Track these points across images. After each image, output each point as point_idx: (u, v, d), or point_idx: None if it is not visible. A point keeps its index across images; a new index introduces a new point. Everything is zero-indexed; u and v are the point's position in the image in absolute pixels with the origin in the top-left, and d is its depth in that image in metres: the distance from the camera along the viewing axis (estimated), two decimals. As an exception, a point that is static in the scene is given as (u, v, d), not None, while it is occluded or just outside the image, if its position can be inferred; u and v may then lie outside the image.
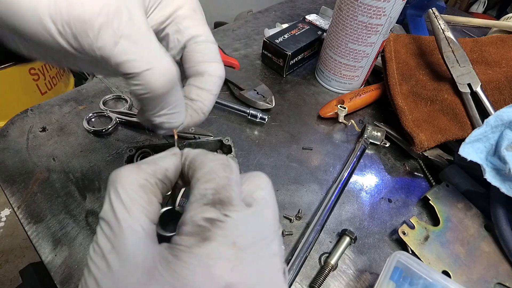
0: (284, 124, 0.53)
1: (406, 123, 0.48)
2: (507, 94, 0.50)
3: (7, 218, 1.37)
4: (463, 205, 0.42)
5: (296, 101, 0.58)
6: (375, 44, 0.52)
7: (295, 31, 0.62)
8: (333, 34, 0.54)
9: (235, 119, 0.53)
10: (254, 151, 0.49)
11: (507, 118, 0.39)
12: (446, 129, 0.47)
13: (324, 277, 0.36)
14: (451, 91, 0.50)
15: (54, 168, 0.43)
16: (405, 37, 0.58)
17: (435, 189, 0.43)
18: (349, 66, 0.55)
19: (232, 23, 0.75)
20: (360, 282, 0.37)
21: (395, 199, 0.45)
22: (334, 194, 0.43)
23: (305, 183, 0.46)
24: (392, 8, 0.46)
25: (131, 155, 0.39)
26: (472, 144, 0.40)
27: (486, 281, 0.36)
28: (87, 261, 0.17)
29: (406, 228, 0.39)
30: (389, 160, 0.50)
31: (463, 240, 0.39)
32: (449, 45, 0.51)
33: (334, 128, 0.54)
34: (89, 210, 0.40)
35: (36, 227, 0.38)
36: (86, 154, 0.45)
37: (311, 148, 0.50)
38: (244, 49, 0.67)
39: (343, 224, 0.42)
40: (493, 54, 0.54)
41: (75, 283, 0.34)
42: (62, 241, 0.37)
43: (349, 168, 0.46)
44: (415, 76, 0.54)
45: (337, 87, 0.60)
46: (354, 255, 0.39)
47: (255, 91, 0.54)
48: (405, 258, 0.32)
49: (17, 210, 0.39)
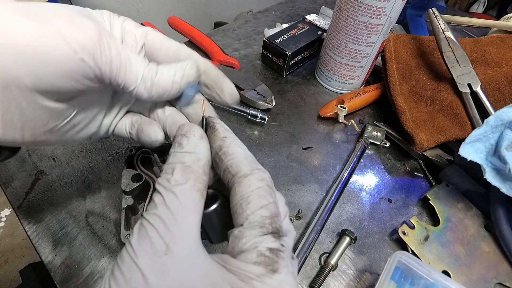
0: (284, 124, 0.53)
1: (406, 123, 0.48)
2: (507, 94, 0.50)
3: (7, 218, 1.37)
4: (463, 205, 0.42)
5: (296, 101, 0.58)
6: (375, 44, 0.52)
7: (295, 31, 0.62)
8: (333, 34, 0.54)
9: (235, 119, 0.53)
10: (254, 151, 0.49)
11: (507, 118, 0.39)
12: (446, 129, 0.47)
13: (324, 277, 0.36)
14: (451, 91, 0.50)
15: (54, 168, 0.43)
16: (405, 37, 0.58)
17: (435, 189, 0.43)
18: (349, 66, 0.55)
19: (232, 23, 0.75)
20: (361, 282, 0.37)
21: (395, 199, 0.45)
22: (334, 194, 0.43)
23: (305, 183, 0.46)
24: (392, 8, 0.46)
25: (131, 155, 0.39)
26: (472, 144, 0.40)
27: (486, 281, 0.36)
28: (125, 256, 0.17)
29: (406, 228, 0.39)
30: (389, 160, 0.50)
31: (463, 240, 0.39)
32: (449, 45, 0.50)
33: (334, 128, 0.54)
34: (89, 210, 0.40)
35: (36, 227, 0.38)
36: (86, 154, 0.45)
37: (311, 148, 0.50)
38: (244, 49, 0.67)
39: (343, 224, 0.42)
40: (493, 54, 0.54)
41: (75, 283, 0.34)
42: (62, 241, 0.37)
43: (349, 168, 0.46)
44: (415, 76, 0.54)
45: (337, 87, 0.60)
46: (354, 255, 0.39)
47: (255, 91, 0.54)
48: (406, 258, 0.32)
49: (17, 210, 0.39)
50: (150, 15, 1.60)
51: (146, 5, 1.57)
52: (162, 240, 0.16)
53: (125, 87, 0.24)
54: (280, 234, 0.19)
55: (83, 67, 0.21)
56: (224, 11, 1.89)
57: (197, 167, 0.20)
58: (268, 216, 0.19)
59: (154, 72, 0.25)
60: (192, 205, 0.19)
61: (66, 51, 0.20)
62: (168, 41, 0.28)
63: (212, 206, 0.21)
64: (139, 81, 0.24)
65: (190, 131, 0.22)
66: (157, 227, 0.17)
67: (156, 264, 0.16)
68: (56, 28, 0.20)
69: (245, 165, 0.21)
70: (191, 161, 0.20)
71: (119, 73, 0.23)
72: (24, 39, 0.19)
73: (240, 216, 0.19)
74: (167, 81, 0.25)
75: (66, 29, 0.20)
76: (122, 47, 0.23)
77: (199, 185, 0.20)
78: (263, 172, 0.21)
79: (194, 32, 0.65)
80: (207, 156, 0.22)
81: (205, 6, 1.78)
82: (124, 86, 0.24)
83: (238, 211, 0.19)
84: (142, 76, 0.24)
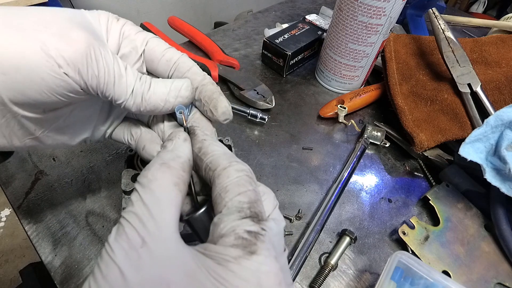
0: (284, 124, 0.53)
1: (406, 123, 0.48)
2: (507, 94, 0.50)
3: (7, 218, 1.37)
4: (463, 205, 0.42)
5: (296, 101, 0.58)
6: (375, 44, 0.52)
7: (295, 31, 0.62)
8: (333, 34, 0.54)
9: (235, 119, 0.53)
10: (254, 151, 0.49)
11: (507, 118, 0.39)
12: (446, 129, 0.47)
13: (324, 277, 0.36)
14: (451, 91, 0.50)
15: (54, 168, 0.43)
16: (405, 37, 0.58)
17: (435, 189, 0.43)
18: (349, 66, 0.55)
19: (232, 23, 0.75)
20: (361, 282, 0.37)
21: (395, 199, 0.45)
22: (334, 194, 0.43)
23: (305, 183, 0.46)
24: (392, 8, 0.46)
25: (131, 155, 0.39)
26: (472, 144, 0.40)
27: (486, 281, 0.36)
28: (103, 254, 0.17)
29: (406, 228, 0.39)
30: (389, 160, 0.50)
31: (463, 240, 0.39)
32: (449, 45, 0.50)
33: (334, 128, 0.54)
34: (89, 210, 0.40)
35: (36, 227, 0.38)
36: (86, 154, 0.45)
37: (311, 148, 0.50)
38: (244, 49, 0.67)
39: (343, 224, 0.42)
40: (493, 54, 0.54)
41: (75, 283, 0.34)
42: (62, 241, 0.37)
43: (349, 168, 0.46)
44: (415, 76, 0.54)
45: (337, 87, 0.60)
46: (354, 255, 0.39)
47: (255, 91, 0.54)
48: (406, 258, 0.32)
49: (17, 210, 0.39)
50: (150, 15, 1.60)
51: (146, 5, 1.57)
52: (138, 235, 0.16)
53: (114, 100, 0.23)
54: (260, 218, 0.19)
55: (68, 81, 0.21)
56: (224, 11, 1.89)
57: (175, 163, 0.20)
58: (246, 201, 0.19)
59: (147, 87, 0.24)
60: (169, 200, 0.19)
61: (50, 66, 0.20)
62: (169, 51, 0.27)
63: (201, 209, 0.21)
64: (128, 95, 0.24)
65: (175, 136, 0.23)
66: (133, 223, 0.17)
67: (132, 258, 0.16)
68: (41, 42, 0.19)
69: (224, 159, 0.21)
70: (170, 159, 0.21)
71: (107, 87, 0.22)
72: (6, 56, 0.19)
73: (219, 205, 0.19)
74: (159, 99, 0.25)
75: (52, 43, 0.20)
76: (112, 58, 0.23)
77: (176, 180, 0.20)
78: (242, 164, 0.21)
79: (194, 32, 0.65)
80: (187, 155, 0.22)
81: (205, 6, 1.78)
82: (112, 99, 0.23)
83: (218, 201, 0.20)
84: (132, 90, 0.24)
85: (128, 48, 0.26)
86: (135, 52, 0.26)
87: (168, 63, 0.27)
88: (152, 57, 0.27)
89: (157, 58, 0.27)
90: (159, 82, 0.25)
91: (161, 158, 0.21)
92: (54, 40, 0.20)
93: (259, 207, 0.20)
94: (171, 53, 0.27)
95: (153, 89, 0.24)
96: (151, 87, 0.24)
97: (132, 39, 0.26)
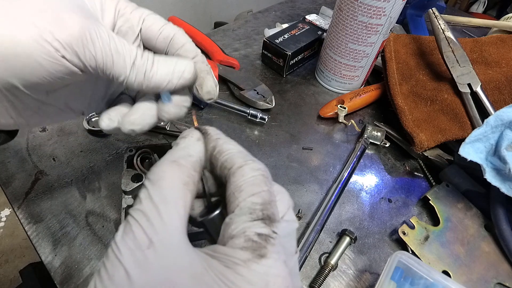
0: (284, 124, 0.53)
1: (406, 123, 0.48)
2: (507, 94, 0.50)
3: (7, 218, 1.37)
4: (463, 205, 0.42)
5: (296, 101, 0.58)
6: (375, 44, 0.52)
7: (295, 31, 0.62)
8: (333, 34, 0.54)
9: (235, 119, 0.53)
10: (254, 151, 0.49)
11: (507, 118, 0.39)
12: (446, 129, 0.47)
13: (324, 277, 0.36)
14: (451, 91, 0.50)
15: (54, 168, 0.43)
16: (405, 37, 0.58)
17: (435, 189, 0.43)
18: (349, 66, 0.55)
19: (232, 23, 0.75)
20: (360, 282, 0.37)
21: (395, 199, 0.45)
22: (334, 194, 0.43)
23: (305, 183, 0.46)
24: (392, 8, 0.46)
25: (131, 155, 0.39)
26: (472, 144, 0.40)
27: (486, 281, 0.36)
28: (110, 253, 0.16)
29: (406, 228, 0.39)
30: (389, 160, 0.50)
31: (463, 240, 0.39)
32: (449, 45, 0.50)
33: (334, 128, 0.54)
34: (89, 210, 0.40)
35: (36, 227, 0.38)
36: (86, 154, 0.45)
37: (311, 148, 0.50)
38: (244, 49, 0.67)
39: (343, 224, 0.42)
40: (493, 54, 0.54)
41: (75, 283, 0.34)
42: (62, 241, 0.37)
43: (349, 168, 0.46)
44: (415, 76, 0.54)
45: (337, 87, 0.60)
46: (354, 255, 0.39)
47: (255, 91, 0.54)
48: (406, 258, 0.32)
49: (17, 210, 0.39)
50: (150, 15, 1.60)
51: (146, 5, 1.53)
52: (145, 235, 0.16)
53: (115, 78, 0.23)
54: (272, 221, 0.18)
55: (66, 65, 0.21)
56: (224, 11, 1.88)
57: (186, 162, 0.20)
58: (259, 203, 0.19)
59: (150, 65, 0.24)
60: (177, 198, 0.18)
61: (47, 52, 0.20)
62: (166, 27, 0.27)
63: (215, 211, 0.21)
64: (129, 72, 0.23)
65: (189, 134, 0.23)
66: (141, 222, 0.17)
67: (138, 259, 0.16)
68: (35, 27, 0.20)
69: (240, 158, 0.21)
70: (181, 157, 0.20)
71: (106, 66, 0.22)
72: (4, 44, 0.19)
73: (232, 204, 0.19)
74: (163, 79, 0.24)
75: (46, 27, 0.20)
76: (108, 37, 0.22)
77: (186, 179, 0.19)
78: (258, 163, 0.21)
79: (194, 32, 0.65)
80: (199, 154, 0.22)
81: (205, 6, 1.78)
82: (113, 77, 0.23)
83: (231, 200, 0.19)
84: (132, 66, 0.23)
85: (124, 28, 0.26)
86: (132, 32, 0.26)
87: (166, 40, 0.27)
88: (150, 36, 0.27)
89: (155, 36, 0.27)
90: (161, 60, 0.25)
91: (172, 155, 0.20)
92: (49, 25, 0.20)
93: (272, 208, 0.19)
94: (168, 30, 0.27)
95: (156, 67, 0.24)
96: (154, 65, 0.24)
97: (128, 18, 0.26)
